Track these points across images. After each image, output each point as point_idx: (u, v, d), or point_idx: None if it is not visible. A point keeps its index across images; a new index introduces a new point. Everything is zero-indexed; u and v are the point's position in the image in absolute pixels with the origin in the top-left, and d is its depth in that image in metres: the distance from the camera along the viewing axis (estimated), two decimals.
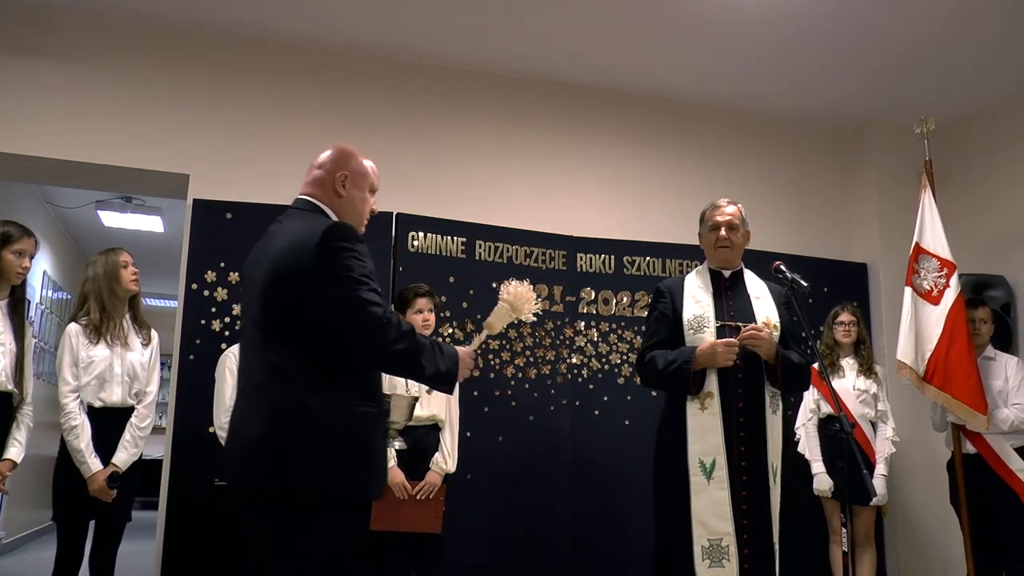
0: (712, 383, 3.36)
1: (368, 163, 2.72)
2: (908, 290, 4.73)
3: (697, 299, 3.53)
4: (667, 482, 3.42)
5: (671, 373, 3.39)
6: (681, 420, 3.39)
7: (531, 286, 2.77)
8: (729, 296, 3.57)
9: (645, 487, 4.78)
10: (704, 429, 3.34)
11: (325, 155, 2.67)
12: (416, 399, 2.77)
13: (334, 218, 2.56)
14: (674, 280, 3.72)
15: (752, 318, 3.48)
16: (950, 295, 4.57)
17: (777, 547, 3.31)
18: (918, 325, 4.63)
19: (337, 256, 2.37)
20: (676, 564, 3.27)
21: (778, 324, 3.47)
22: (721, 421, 3.33)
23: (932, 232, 4.72)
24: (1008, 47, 5.02)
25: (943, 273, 4.62)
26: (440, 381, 2.47)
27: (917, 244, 4.75)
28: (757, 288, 3.62)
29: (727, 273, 3.64)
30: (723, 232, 3.58)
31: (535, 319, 2.79)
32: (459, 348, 2.53)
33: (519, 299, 2.71)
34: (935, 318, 4.56)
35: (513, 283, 2.74)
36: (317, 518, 2.31)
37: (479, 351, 2.70)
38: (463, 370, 2.52)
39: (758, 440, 3.35)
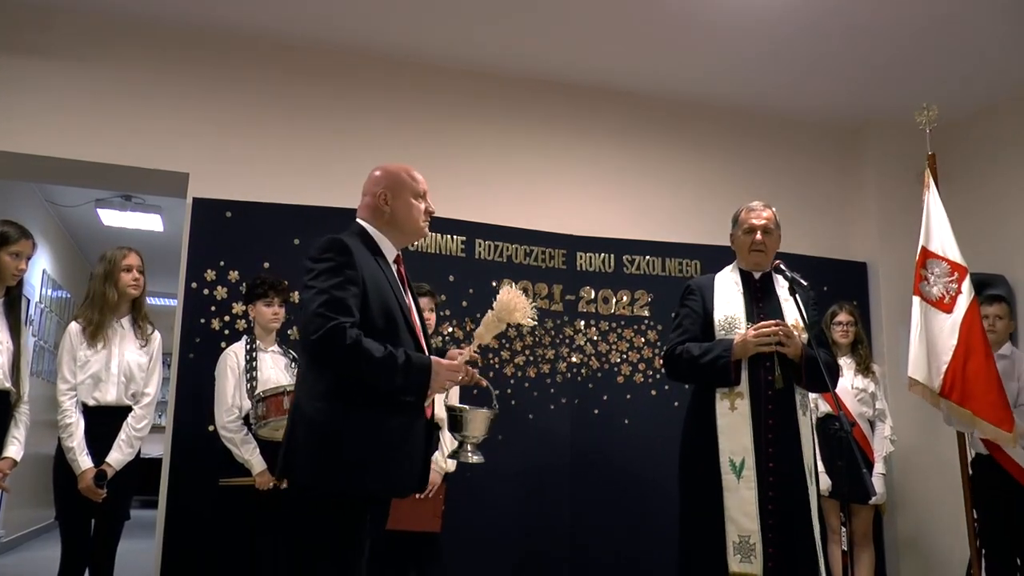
0: (742, 383, 3.36)
1: (404, 171, 2.87)
2: (916, 299, 4.30)
3: (728, 300, 3.52)
4: (696, 479, 3.42)
5: (707, 363, 3.37)
6: (709, 418, 3.39)
7: (521, 291, 2.78)
8: (760, 298, 3.56)
9: (645, 485, 4.82)
10: (733, 429, 3.34)
11: (367, 181, 2.88)
12: (496, 414, 2.81)
13: (369, 231, 2.78)
14: (704, 279, 3.69)
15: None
16: (963, 301, 4.15)
17: (819, 544, 3.31)
18: (929, 336, 4.21)
19: (308, 266, 2.60)
20: (709, 557, 3.30)
21: (805, 327, 3.45)
22: (750, 422, 3.33)
23: (940, 233, 4.32)
24: (1008, 47, 5.02)
25: (954, 277, 4.21)
26: (399, 393, 2.56)
27: (924, 248, 4.34)
28: (785, 291, 3.60)
29: (757, 275, 3.63)
30: (759, 236, 3.55)
31: (533, 322, 2.82)
32: (439, 360, 2.59)
33: (505, 308, 2.71)
34: (949, 327, 4.15)
35: (504, 289, 2.75)
36: (316, 516, 2.51)
37: (478, 354, 2.74)
38: (439, 382, 2.57)
39: (789, 441, 3.35)
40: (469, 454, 2.77)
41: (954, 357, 4.10)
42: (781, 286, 3.62)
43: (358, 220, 2.82)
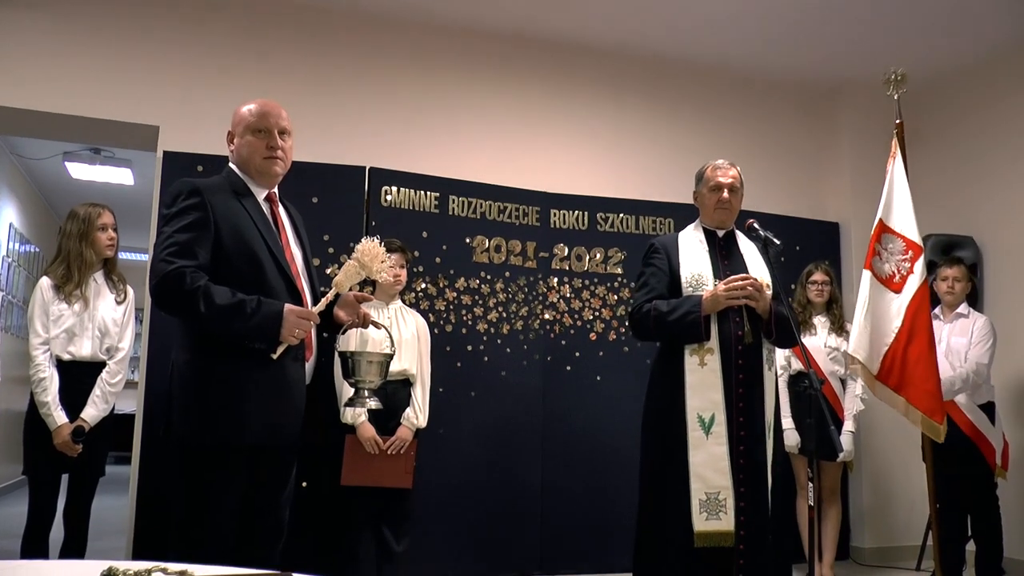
0: (713, 339, 3.36)
1: (250, 107, 2.78)
2: (867, 274, 4.20)
3: (694, 257, 3.50)
4: (660, 438, 3.41)
5: (677, 318, 3.34)
6: (677, 375, 3.37)
7: (381, 244, 2.73)
8: (724, 256, 3.56)
9: (616, 441, 4.86)
10: (704, 385, 3.33)
11: None
12: (390, 356, 2.75)
13: (236, 172, 2.77)
14: (667, 237, 3.66)
15: None
16: (913, 282, 4.06)
17: (770, 499, 3.36)
18: (875, 315, 4.11)
19: (162, 213, 2.66)
20: (673, 518, 3.29)
21: (770, 283, 3.47)
22: (721, 378, 3.33)
23: (900, 209, 4.19)
24: (981, 11, 5.02)
25: (907, 256, 4.10)
26: (245, 340, 2.51)
27: (881, 221, 4.21)
28: (747, 248, 3.61)
29: (721, 233, 3.62)
30: (726, 194, 3.53)
31: (387, 278, 2.82)
32: (292, 307, 2.52)
33: (367, 257, 2.67)
34: (895, 308, 4.07)
35: (364, 240, 2.71)
36: (179, 463, 2.55)
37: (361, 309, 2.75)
38: (289, 328, 2.49)
39: (756, 397, 3.36)
40: (366, 399, 2.66)
41: (896, 340, 4.03)
42: (745, 243, 3.64)
43: (229, 163, 2.81)
